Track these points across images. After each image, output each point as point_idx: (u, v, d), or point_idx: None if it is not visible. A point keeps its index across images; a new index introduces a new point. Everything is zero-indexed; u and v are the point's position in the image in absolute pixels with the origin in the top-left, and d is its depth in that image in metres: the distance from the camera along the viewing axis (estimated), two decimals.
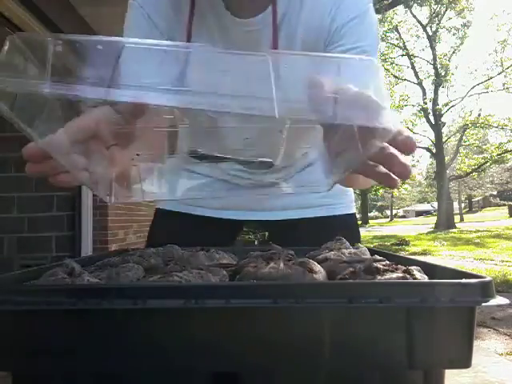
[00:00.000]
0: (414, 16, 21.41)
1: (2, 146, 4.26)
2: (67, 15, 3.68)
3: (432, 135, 21.00)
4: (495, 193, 45.35)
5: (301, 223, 1.07)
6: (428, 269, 0.51)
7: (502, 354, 2.53)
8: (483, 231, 14.59)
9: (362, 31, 0.83)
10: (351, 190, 1.17)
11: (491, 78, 21.63)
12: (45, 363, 0.42)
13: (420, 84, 22.25)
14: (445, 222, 18.80)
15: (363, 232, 19.21)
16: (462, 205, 39.93)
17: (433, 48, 21.29)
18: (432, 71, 21.72)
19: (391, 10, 17.32)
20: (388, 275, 0.46)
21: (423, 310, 0.41)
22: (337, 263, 0.55)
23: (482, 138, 25.87)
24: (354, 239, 0.80)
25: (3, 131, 4.13)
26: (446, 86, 22.44)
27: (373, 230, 20.83)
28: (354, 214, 1.14)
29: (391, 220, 43.46)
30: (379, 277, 0.45)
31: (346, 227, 1.08)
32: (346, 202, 1.12)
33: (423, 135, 23.14)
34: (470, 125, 21.51)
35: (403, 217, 50.65)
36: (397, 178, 0.49)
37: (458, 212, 31.96)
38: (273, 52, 0.77)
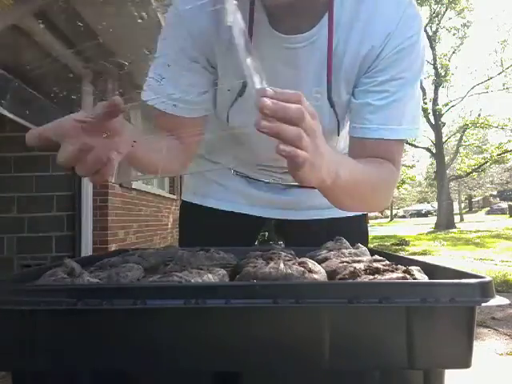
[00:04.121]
0: None
1: (2, 146, 4.26)
2: (67, 15, 3.68)
3: (432, 135, 21.00)
4: (495, 193, 45.35)
5: (321, 223, 1.08)
6: (428, 269, 0.51)
7: (501, 354, 2.53)
8: (483, 231, 14.58)
9: (408, 62, 0.82)
10: None
11: (491, 78, 21.63)
12: (45, 363, 0.42)
13: (420, 84, 22.18)
14: (445, 222, 18.80)
15: None
16: (462, 205, 39.95)
17: (433, 48, 21.29)
18: (432, 71, 21.72)
19: None
20: (388, 275, 0.46)
21: (423, 310, 0.41)
22: (337, 263, 0.55)
23: (482, 138, 25.87)
24: (361, 239, 0.82)
25: (3, 131, 4.13)
26: (446, 86, 22.44)
27: (373, 230, 20.83)
28: (365, 214, 1.15)
29: (391, 220, 43.50)
30: (379, 277, 0.45)
31: (362, 225, 1.12)
32: None
33: (423, 135, 23.16)
34: (470, 125, 21.50)
35: (403, 217, 51.05)
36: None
37: (458, 212, 31.97)
38: None
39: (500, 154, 19.85)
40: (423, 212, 48.55)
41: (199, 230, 1.09)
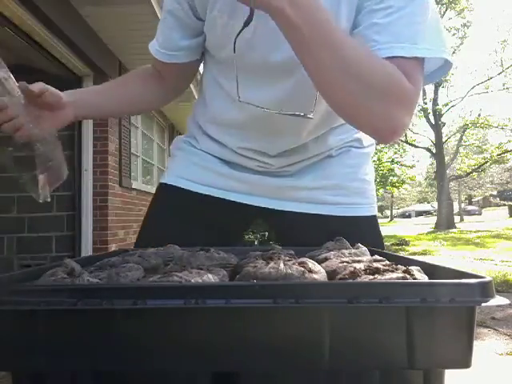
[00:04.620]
0: None
1: (2, 146, 4.26)
2: (67, 15, 3.68)
3: (432, 135, 21.01)
4: (495, 193, 45.41)
5: (309, 219, 1.02)
6: (428, 269, 0.51)
7: (501, 354, 2.53)
8: (483, 231, 14.59)
9: None
10: (372, 191, 1.09)
11: (491, 78, 21.63)
12: (45, 363, 0.42)
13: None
14: (445, 222, 18.80)
15: None
16: (462, 205, 40.12)
17: None
18: None
19: None
20: (388, 275, 0.46)
21: (423, 310, 0.41)
22: (337, 263, 0.55)
23: (482, 138, 25.89)
24: (372, 243, 0.77)
25: (3, 131, 4.12)
26: (446, 86, 22.44)
27: None
28: (373, 217, 1.06)
29: (391, 220, 43.54)
30: (379, 277, 0.45)
31: (362, 229, 1.02)
32: (366, 203, 1.05)
33: (423, 135, 23.18)
34: (470, 125, 21.52)
35: (408, 216, 52.15)
36: None
37: (458, 212, 32.04)
38: None
39: (500, 154, 19.86)
40: (406, 214, 51.12)
41: (182, 215, 1.04)
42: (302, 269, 0.48)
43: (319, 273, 0.49)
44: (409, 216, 51.66)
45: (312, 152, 1.01)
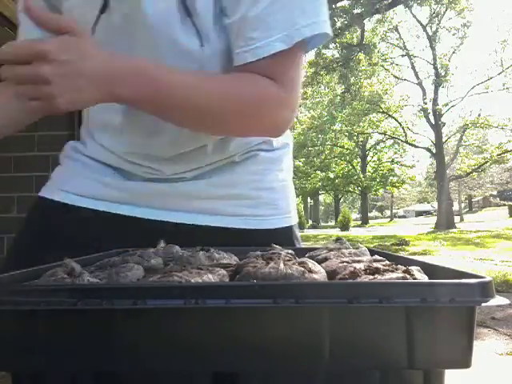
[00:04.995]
0: (414, 16, 21.45)
1: (2, 146, 4.26)
2: None
3: (432, 135, 21.03)
4: (495, 193, 45.42)
5: (206, 232, 0.88)
6: (428, 269, 0.51)
7: (501, 354, 2.53)
8: (483, 231, 14.58)
9: None
10: (286, 200, 0.96)
11: (491, 78, 21.64)
12: (45, 363, 0.42)
13: (420, 84, 22.29)
14: (445, 222, 18.81)
15: (363, 232, 19.17)
16: (462, 205, 40.18)
17: (433, 48, 21.31)
18: (432, 71, 21.75)
19: (391, 10, 17.33)
20: (388, 275, 0.46)
21: (423, 310, 0.41)
22: (337, 263, 0.55)
23: (482, 138, 25.89)
24: None
25: None
26: (446, 86, 22.45)
27: (373, 230, 20.82)
28: (288, 229, 0.93)
29: (391, 220, 43.58)
30: (379, 277, 0.45)
31: (272, 242, 0.84)
32: (278, 214, 0.92)
33: (423, 135, 23.22)
34: (470, 125, 21.54)
35: (403, 217, 52.52)
36: None
37: (458, 212, 32.05)
38: None
39: (500, 154, 19.88)
40: (399, 215, 54.84)
41: (54, 234, 0.90)
42: (302, 269, 0.48)
43: (319, 273, 0.49)
44: (403, 217, 52.37)
45: (211, 159, 0.88)
